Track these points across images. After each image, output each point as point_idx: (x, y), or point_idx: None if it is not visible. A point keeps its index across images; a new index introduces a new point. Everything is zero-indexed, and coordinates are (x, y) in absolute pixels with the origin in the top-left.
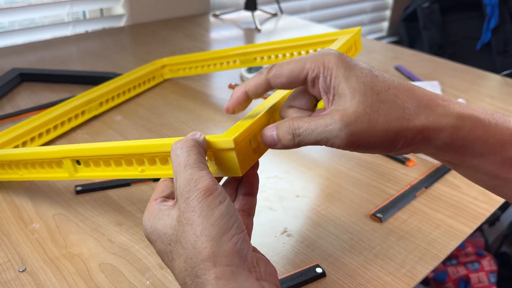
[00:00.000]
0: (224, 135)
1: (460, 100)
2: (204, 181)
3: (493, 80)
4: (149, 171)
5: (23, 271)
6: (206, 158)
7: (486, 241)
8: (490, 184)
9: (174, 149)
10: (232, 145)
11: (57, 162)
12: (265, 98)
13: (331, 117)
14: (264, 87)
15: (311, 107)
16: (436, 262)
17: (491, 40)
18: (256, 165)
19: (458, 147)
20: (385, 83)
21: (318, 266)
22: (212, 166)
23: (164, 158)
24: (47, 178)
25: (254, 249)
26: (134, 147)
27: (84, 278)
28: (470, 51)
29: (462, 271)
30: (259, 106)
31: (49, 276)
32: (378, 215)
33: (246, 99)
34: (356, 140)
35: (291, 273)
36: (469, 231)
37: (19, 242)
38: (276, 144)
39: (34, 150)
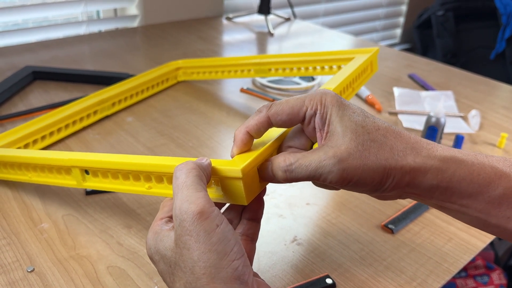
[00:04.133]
0: (232, 163)
1: (473, 111)
2: (200, 203)
3: (508, 91)
4: (156, 189)
5: (31, 271)
6: (213, 183)
7: (496, 254)
8: (483, 224)
9: (175, 172)
10: (239, 175)
11: (66, 169)
12: None
13: (324, 153)
14: (265, 126)
15: (308, 147)
16: (448, 276)
17: (506, 50)
18: (263, 192)
19: (445, 188)
20: (375, 124)
21: (328, 276)
22: (218, 192)
23: (171, 177)
24: (55, 183)
25: (255, 274)
26: (143, 164)
27: (92, 281)
28: (484, 60)
29: (471, 284)
30: (267, 132)
31: (57, 277)
32: (390, 226)
33: (250, 139)
34: (347, 176)
35: (301, 283)
36: (482, 245)
37: (28, 241)
38: (272, 179)
39: (44, 156)
